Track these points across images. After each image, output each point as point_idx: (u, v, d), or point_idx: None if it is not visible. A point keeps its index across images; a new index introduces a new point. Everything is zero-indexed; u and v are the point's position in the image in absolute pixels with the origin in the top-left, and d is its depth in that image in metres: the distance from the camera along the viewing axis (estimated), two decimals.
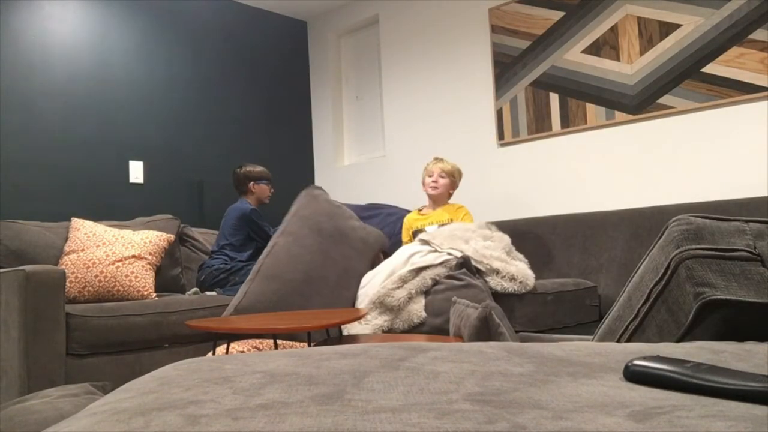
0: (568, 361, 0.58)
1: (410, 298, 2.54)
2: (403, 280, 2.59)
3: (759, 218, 0.87)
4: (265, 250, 2.77)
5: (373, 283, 2.75)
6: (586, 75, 3.41)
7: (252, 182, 3.60)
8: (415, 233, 3.25)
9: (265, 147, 4.65)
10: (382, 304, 2.55)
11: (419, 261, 2.65)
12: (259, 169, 3.65)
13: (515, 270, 2.59)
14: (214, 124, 4.35)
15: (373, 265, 2.96)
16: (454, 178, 3.33)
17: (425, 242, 2.81)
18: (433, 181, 3.29)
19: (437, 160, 3.37)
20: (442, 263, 2.62)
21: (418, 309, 2.53)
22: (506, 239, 2.84)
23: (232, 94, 4.48)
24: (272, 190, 3.73)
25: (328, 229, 2.89)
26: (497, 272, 2.58)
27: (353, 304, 2.82)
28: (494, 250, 2.71)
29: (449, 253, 2.67)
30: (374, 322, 2.55)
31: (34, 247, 2.91)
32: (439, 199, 3.32)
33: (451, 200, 3.40)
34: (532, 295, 2.58)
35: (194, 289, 3.24)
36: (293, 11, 4.87)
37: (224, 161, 4.37)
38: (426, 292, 2.59)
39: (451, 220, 3.21)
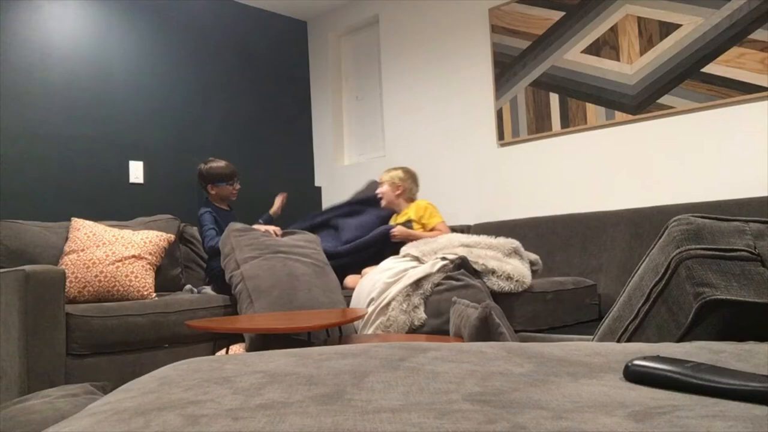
0: (568, 361, 0.58)
1: (415, 308, 2.53)
2: (407, 295, 2.56)
3: (759, 218, 0.87)
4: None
5: (363, 302, 2.71)
6: (586, 75, 3.41)
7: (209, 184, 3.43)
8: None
9: (265, 147, 4.65)
10: (389, 328, 2.53)
11: (416, 273, 2.62)
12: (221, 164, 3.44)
13: (511, 269, 2.59)
14: (214, 123, 4.35)
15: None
16: (395, 182, 3.53)
17: (414, 258, 2.79)
18: (380, 193, 3.56)
19: (386, 171, 3.62)
20: (439, 269, 2.61)
21: (418, 312, 2.53)
22: (507, 245, 2.79)
23: (232, 94, 4.48)
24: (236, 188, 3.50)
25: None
26: (493, 272, 2.57)
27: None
28: (487, 249, 2.71)
29: (443, 258, 2.65)
30: None
31: (34, 247, 2.91)
32: (392, 205, 3.56)
33: (423, 197, 3.64)
34: (531, 294, 2.58)
35: (188, 286, 3.24)
36: (293, 11, 4.87)
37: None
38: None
39: (410, 218, 3.43)
